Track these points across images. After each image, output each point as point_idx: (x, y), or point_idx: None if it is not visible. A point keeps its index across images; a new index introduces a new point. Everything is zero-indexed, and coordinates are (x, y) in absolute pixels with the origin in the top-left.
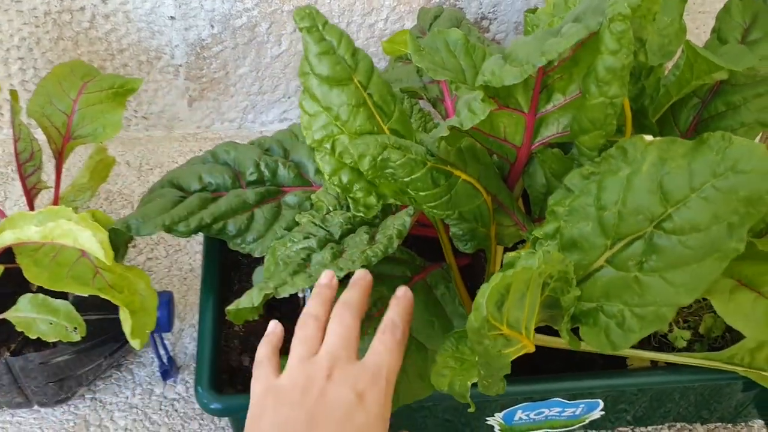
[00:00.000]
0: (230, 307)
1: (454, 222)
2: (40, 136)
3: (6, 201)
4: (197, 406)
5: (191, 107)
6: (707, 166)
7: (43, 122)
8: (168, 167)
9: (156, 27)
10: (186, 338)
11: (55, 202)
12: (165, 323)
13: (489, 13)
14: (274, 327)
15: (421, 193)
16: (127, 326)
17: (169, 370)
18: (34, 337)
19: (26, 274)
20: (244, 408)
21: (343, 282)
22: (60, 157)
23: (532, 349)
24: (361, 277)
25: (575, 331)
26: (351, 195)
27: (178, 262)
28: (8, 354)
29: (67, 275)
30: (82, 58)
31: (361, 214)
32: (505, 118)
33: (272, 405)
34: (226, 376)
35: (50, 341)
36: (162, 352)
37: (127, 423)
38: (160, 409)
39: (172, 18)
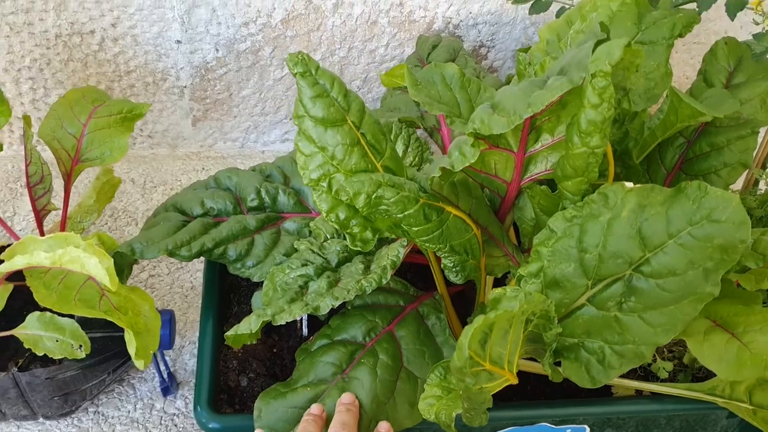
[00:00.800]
0: (229, 333)
1: (445, 254)
2: (48, 155)
3: (15, 216)
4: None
5: (195, 127)
6: (684, 214)
7: (54, 145)
8: (171, 185)
9: (162, 50)
10: (186, 355)
11: (63, 222)
12: (166, 341)
13: (487, 41)
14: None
15: (414, 228)
16: (132, 347)
17: (169, 386)
18: (41, 354)
19: (36, 297)
20: (241, 428)
21: (333, 312)
22: (68, 179)
23: (514, 381)
24: (351, 402)
25: (558, 365)
26: (348, 231)
27: (179, 279)
28: (15, 369)
29: (74, 298)
30: (91, 79)
31: (359, 249)
32: (496, 156)
33: None
34: (225, 395)
35: (56, 358)
36: (163, 368)
37: None
38: (161, 424)
39: (179, 42)
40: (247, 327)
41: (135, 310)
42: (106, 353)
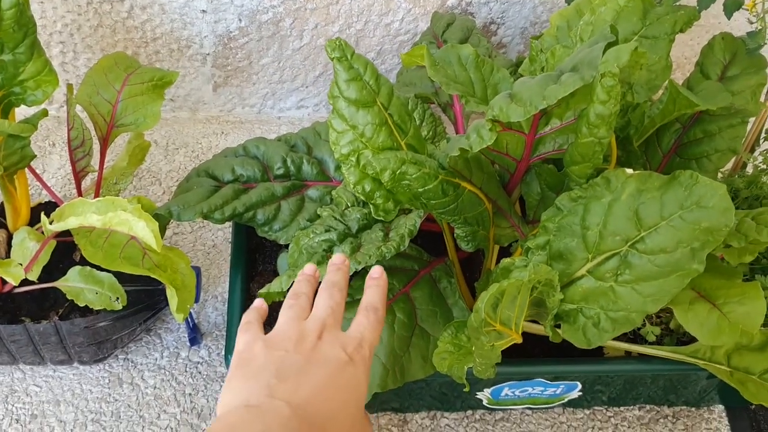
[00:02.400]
0: (262, 291)
1: (459, 225)
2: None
3: (44, 174)
4: (219, 368)
5: (216, 92)
6: (677, 199)
7: (91, 110)
8: (193, 147)
9: (188, 19)
10: (209, 308)
11: (98, 183)
12: (196, 295)
13: (498, 18)
14: (261, 303)
15: (432, 201)
16: (173, 303)
17: (196, 337)
18: (82, 305)
19: (84, 254)
20: None
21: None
22: (104, 143)
23: (519, 340)
24: (342, 261)
25: (557, 327)
26: (372, 201)
27: (201, 237)
28: (56, 318)
29: (120, 256)
30: (118, 45)
31: (381, 218)
32: (508, 137)
33: (263, 350)
34: None
35: (95, 308)
36: (189, 321)
37: (155, 382)
38: (186, 371)
39: (204, 11)
40: (279, 285)
41: (173, 268)
42: (138, 305)
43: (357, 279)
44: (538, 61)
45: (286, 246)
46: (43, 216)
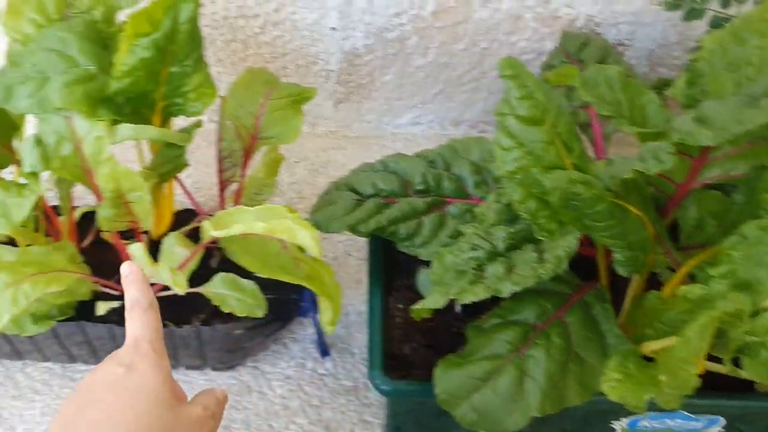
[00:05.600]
0: (415, 306)
1: (620, 250)
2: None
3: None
4: (344, 382)
5: (336, 108)
6: None
7: (235, 122)
8: (312, 161)
9: (317, 36)
10: None
11: (239, 193)
12: None
13: (626, 39)
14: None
15: (599, 224)
16: (327, 314)
17: (327, 349)
18: (226, 312)
19: (240, 261)
20: (409, 392)
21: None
22: (247, 155)
23: (701, 371)
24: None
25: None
26: (536, 221)
27: (323, 249)
28: (199, 323)
29: (274, 264)
30: (248, 60)
31: (544, 238)
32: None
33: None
34: (390, 361)
35: (237, 315)
36: (318, 332)
37: (283, 392)
38: (312, 382)
39: (333, 29)
40: (433, 302)
41: (320, 279)
42: (272, 315)
43: (507, 300)
44: (699, 85)
45: (423, 262)
46: (206, 223)
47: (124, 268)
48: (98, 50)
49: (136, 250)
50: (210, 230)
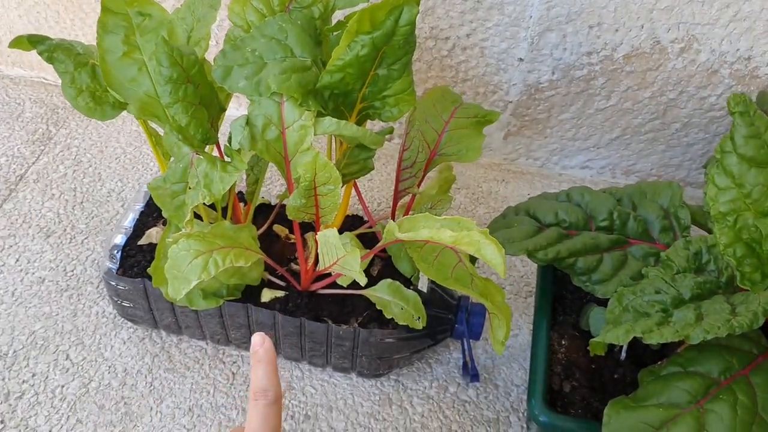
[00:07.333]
0: (596, 339)
1: None
2: None
3: None
4: (486, 412)
5: (505, 140)
6: None
7: (418, 136)
8: (473, 190)
9: (503, 65)
10: (479, 349)
11: (409, 205)
12: (478, 331)
13: None
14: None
15: None
16: (500, 333)
17: (477, 374)
18: (389, 317)
19: (419, 266)
20: (566, 428)
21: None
22: (425, 169)
23: None
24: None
25: None
26: (740, 268)
27: None
28: (356, 324)
29: (451, 275)
30: (429, 81)
31: (747, 287)
32: None
33: None
34: (549, 395)
35: (397, 323)
36: (468, 357)
37: (423, 410)
38: (453, 407)
39: (521, 59)
40: (615, 338)
41: (492, 299)
42: (425, 331)
43: (688, 350)
44: None
45: (596, 300)
46: (392, 224)
47: (256, 340)
48: (313, 44)
49: (330, 235)
50: (395, 232)
